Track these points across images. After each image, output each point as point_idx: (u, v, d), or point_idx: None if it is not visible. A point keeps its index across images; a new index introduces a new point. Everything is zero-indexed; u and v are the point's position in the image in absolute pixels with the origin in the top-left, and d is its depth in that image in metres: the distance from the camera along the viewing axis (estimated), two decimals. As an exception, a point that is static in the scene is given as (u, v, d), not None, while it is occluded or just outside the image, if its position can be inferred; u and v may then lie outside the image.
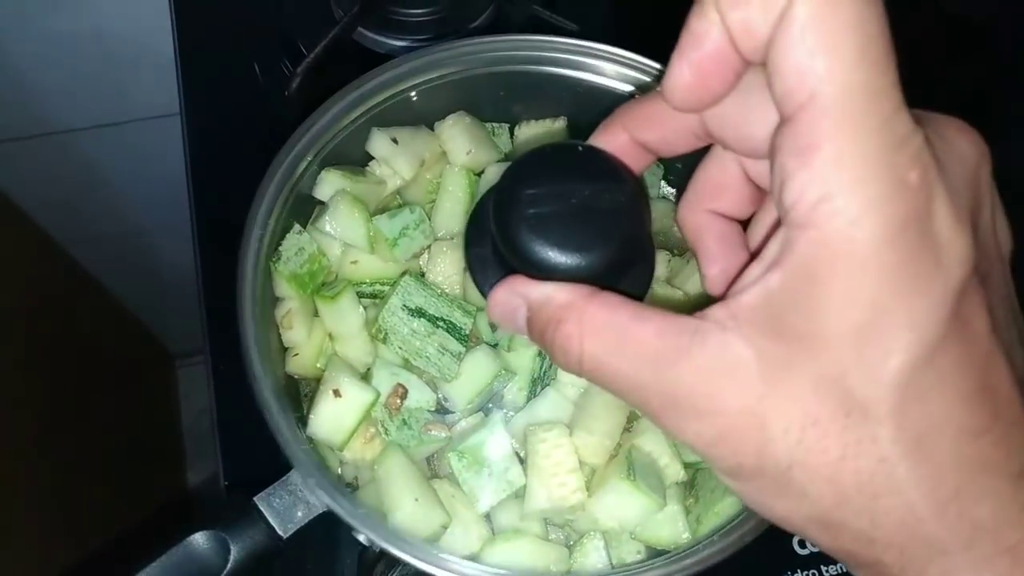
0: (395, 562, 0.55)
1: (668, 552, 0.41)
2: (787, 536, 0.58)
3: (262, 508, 0.39)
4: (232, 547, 0.37)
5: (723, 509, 0.42)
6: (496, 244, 0.38)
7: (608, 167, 0.38)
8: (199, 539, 0.37)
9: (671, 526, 0.42)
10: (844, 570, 0.57)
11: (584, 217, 0.36)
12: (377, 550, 0.48)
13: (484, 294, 0.42)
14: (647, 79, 0.47)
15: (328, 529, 0.57)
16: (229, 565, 0.37)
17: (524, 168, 0.38)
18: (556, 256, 0.36)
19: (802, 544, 0.58)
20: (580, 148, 0.38)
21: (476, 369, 0.46)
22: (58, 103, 0.96)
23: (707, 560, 0.38)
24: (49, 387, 1.14)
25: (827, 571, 0.57)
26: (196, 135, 0.69)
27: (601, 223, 0.36)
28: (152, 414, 1.47)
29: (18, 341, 1.07)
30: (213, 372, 0.60)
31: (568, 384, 0.46)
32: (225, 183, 0.64)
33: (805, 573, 0.57)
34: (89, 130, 1.02)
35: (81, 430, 1.20)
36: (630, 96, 0.48)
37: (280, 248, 0.45)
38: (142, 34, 0.88)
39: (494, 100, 0.51)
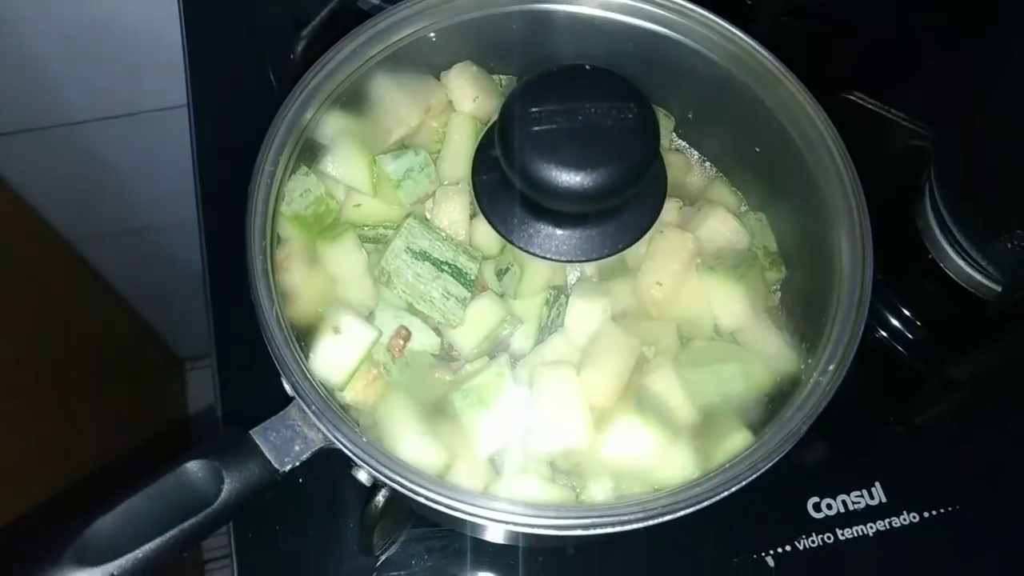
0: (398, 524, 0.54)
1: (678, 489, 0.39)
2: (802, 500, 0.57)
3: (258, 441, 0.38)
4: (226, 478, 0.36)
5: (733, 444, 0.40)
6: (502, 167, 0.37)
7: (617, 87, 0.37)
8: (192, 467, 0.35)
9: (680, 464, 0.40)
10: (860, 533, 0.55)
11: (591, 135, 0.35)
12: (380, 504, 0.47)
13: (490, 221, 0.41)
14: (661, 12, 0.46)
15: (330, 498, 0.56)
16: (222, 495, 0.35)
17: (531, 87, 0.37)
18: (561, 175, 0.35)
19: (817, 508, 0.56)
20: (588, 68, 0.37)
21: (481, 315, 0.45)
22: (68, 94, 0.96)
23: (717, 489, 0.37)
24: (54, 385, 1.13)
25: (842, 534, 0.55)
26: (204, 128, 0.69)
27: (609, 141, 0.35)
28: (160, 417, 1.46)
29: (25, 337, 1.06)
30: (218, 371, 0.59)
31: (576, 331, 0.45)
32: (233, 176, 0.63)
33: (820, 536, 0.55)
34: (99, 122, 1.02)
35: (87, 431, 1.19)
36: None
37: (285, 189, 0.44)
38: (152, 24, 0.88)
39: (504, 46, 0.50)
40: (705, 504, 0.38)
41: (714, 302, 0.45)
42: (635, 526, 0.37)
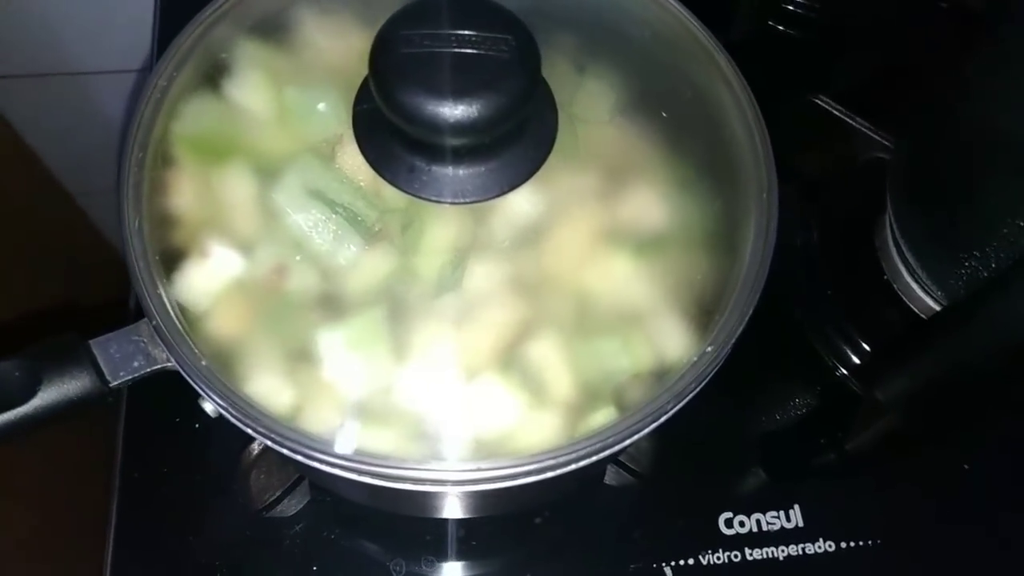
0: (282, 479, 0.52)
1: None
2: (714, 514, 0.54)
3: (96, 351, 0.36)
4: (44, 381, 0.34)
5: (597, 420, 0.38)
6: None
7: (498, 18, 0.35)
8: (6, 366, 0.34)
9: (541, 434, 0.38)
10: (770, 555, 0.52)
11: (462, 61, 0.33)
12: (253, 451, 0.46)
13: (365, 155, 0.39)
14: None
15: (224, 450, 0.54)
16: (36, 398, 0.34)
17: (408, 11, 0.35)
18: (422, 98, 0.33)
19: (728, 524, 0.53)
20: (474, -3, 0.36)
21: (373, 264, 0.43)
22: (69, 42, 0.97)
23: (563, 461, 0.35)
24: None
25: (751, 554, 0.52)
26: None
27: (480, 68, 0.33)
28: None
29: (16, 286, 1.07)
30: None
31: (472, 293, 0.42)
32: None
33: (727, 553, 0.52)
34: (99, 75, 1.02)
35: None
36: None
37: (181, 108, 0.43)
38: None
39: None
40: (550, 475, 0.35)
41: (616, 279, 0.43)
42: (464, 488, 0.35)
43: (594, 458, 0.35)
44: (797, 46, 0.64)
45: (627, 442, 0.36)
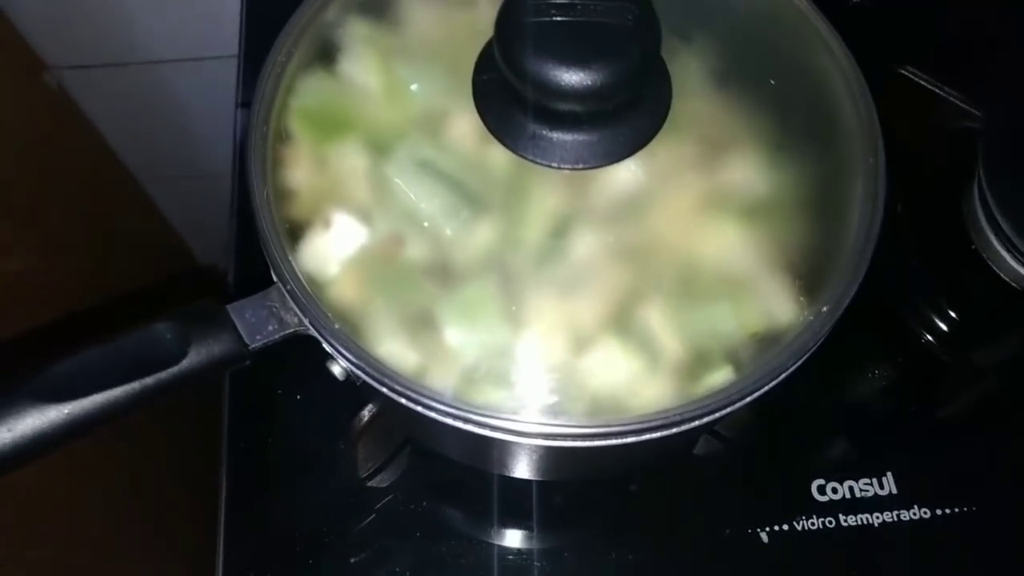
0: (388, 446, 0.54)
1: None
2: (806, 481, 0.54)
3: (233, 316, 0.38)
4: (193, 343, 0.36)
5: (713, 380, 0.39)
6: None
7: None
8: (161, 328, 0.36)
9: (657, 395, 0.39)
10: (865, 522, 0.53)
11: (586, 30, 0.35)
12: (364, 418, 0.47)
13: (486, 123, 0.40)
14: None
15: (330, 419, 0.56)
16: (187, 359, 0.36)
17: (531, -19, 0.36)
18: (549, 66, 0.34)
19: (821, 490, 0.54)
20: (594, -32, 0.37)
21: (481, 233, 0.44)
22: (144, 33, 0.99)
23: (688, 417, 0.36)
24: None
25: (845, 520, 0.53)
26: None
27: (604, 38, 0.35)
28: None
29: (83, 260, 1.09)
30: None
31: (576, 260, 0.44)
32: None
33: (821, 520, 0.53)
34: (173, 63, 1.04)
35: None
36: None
37: (299, 86, 0.45)
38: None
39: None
40: (674, 431, 0.36)
41: (720, 244, 0.44)
42: (592, 443, 0.36)
43: (717, 414, 0.36)
44: (875, 17, 0.64)
45: (747, 399, 0.37)
